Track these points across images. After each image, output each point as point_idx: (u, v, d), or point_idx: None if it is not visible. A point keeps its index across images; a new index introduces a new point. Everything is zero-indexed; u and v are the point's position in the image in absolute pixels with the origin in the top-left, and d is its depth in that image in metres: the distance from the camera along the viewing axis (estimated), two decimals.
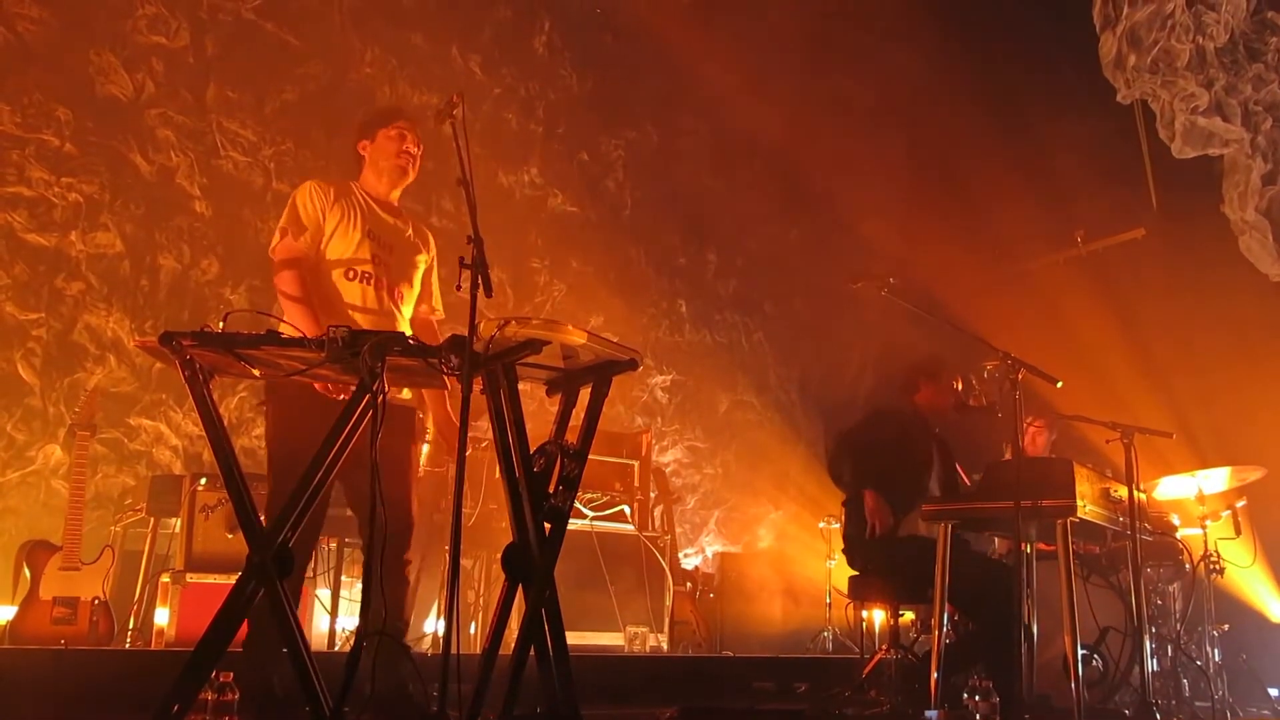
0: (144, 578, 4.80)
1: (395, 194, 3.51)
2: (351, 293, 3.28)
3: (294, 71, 6.57)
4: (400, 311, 3.40)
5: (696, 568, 7.42)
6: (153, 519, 4.83)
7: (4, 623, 4.18)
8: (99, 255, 5.70)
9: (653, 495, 6.35)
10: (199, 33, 6.22)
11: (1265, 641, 5.79)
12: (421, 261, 3.51)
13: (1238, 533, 5.20)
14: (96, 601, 4.25)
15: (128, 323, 5.73)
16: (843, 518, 4.83)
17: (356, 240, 3.32)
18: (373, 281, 3.32)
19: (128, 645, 4.51)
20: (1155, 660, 4.69)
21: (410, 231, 3.51)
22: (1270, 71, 6.73)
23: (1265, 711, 5.17)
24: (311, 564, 3.71)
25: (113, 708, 3.22)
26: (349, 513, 3.35)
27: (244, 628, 2.95)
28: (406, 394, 3.39)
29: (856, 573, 4.65)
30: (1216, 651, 5.10)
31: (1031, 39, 8.01)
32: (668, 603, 5.82)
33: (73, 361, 5.55)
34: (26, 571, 4.19)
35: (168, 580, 4.40)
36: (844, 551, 4.79)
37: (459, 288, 2.67)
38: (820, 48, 8.23)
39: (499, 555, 2.61)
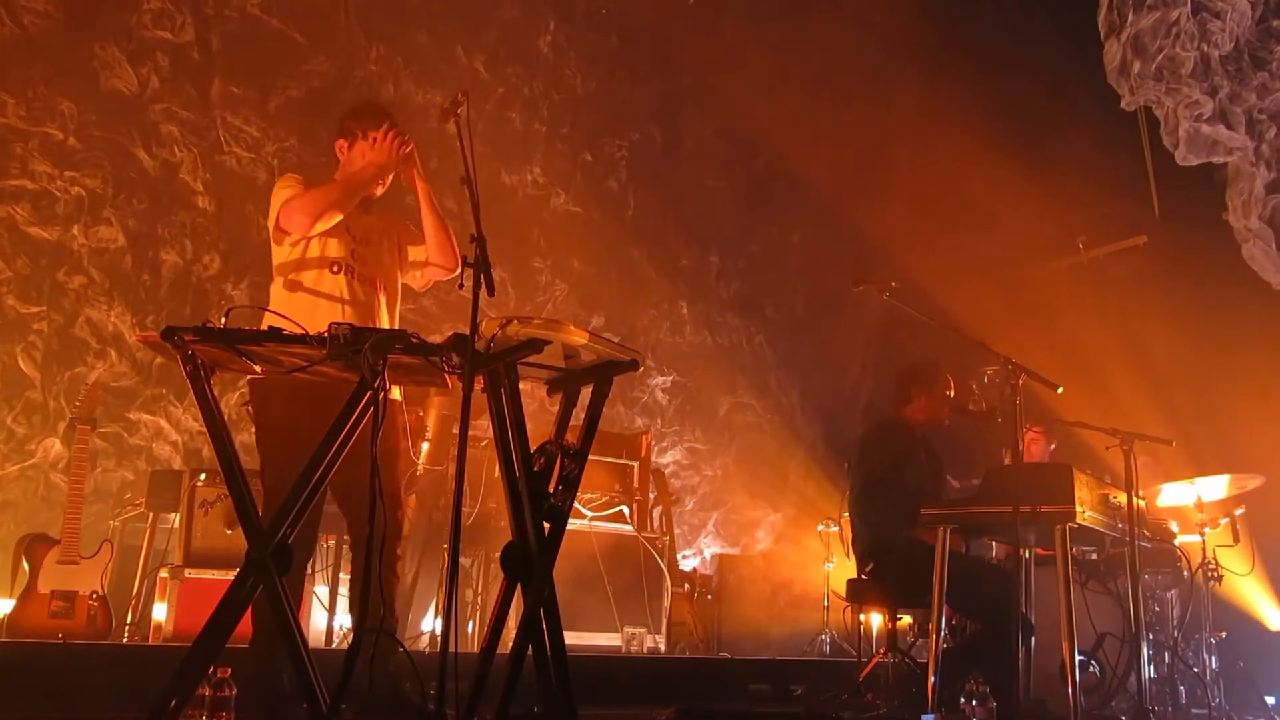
0: (142, 572, 4.81)
1: (377, 190, 3.49)
2: (333, 285, 3.32)
3: (299, 68, 6.58)
4: (381, 303, 3.43)
5: (695, 569, 7.42)
6: (152, 514, 4.84)
7: (2, 616, 4.18)
8: (101, 249, 5.71)
9: (652, 496, 6.34)
10: (204, 28, 6.22)
11: (1262, 649, 5.78)
12: (396, 253, 3.53)
13: (1236, 540, 5.20)
14: (94, 596, 4.25)
15: (129, 317, 5.73)
16: (860, 519, 4.68)
17: (335, 234, 3.34)
18: (355, 275, 3.36)
19: (125, 640, 4.51)
20: (1152, 667, 4.69)
21: (387, 227, 3.53)
22: (1275, 80, 6.73)
23: (1261, 719, 5.17)
24: (311, 560, 3.70)
25: (110, 702, 3.22)
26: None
27: (249, 624, 2.95)
28: (396, 394, 3.37)
29: (860, 575, 4.63)
30: (1213, 659, 5.09)
31: (1035, 45, 8.01)
32: (665, 604, 5.82)
33: (73, 355, 5.55)
34: (25, 565, 4.19)
35: (166, 575, 4.40)
36: (862, 554, 4.63)
37: (461, 286, 2.68)
38: (824, 52, 8.23)
39: (498, 554, 2.61)
